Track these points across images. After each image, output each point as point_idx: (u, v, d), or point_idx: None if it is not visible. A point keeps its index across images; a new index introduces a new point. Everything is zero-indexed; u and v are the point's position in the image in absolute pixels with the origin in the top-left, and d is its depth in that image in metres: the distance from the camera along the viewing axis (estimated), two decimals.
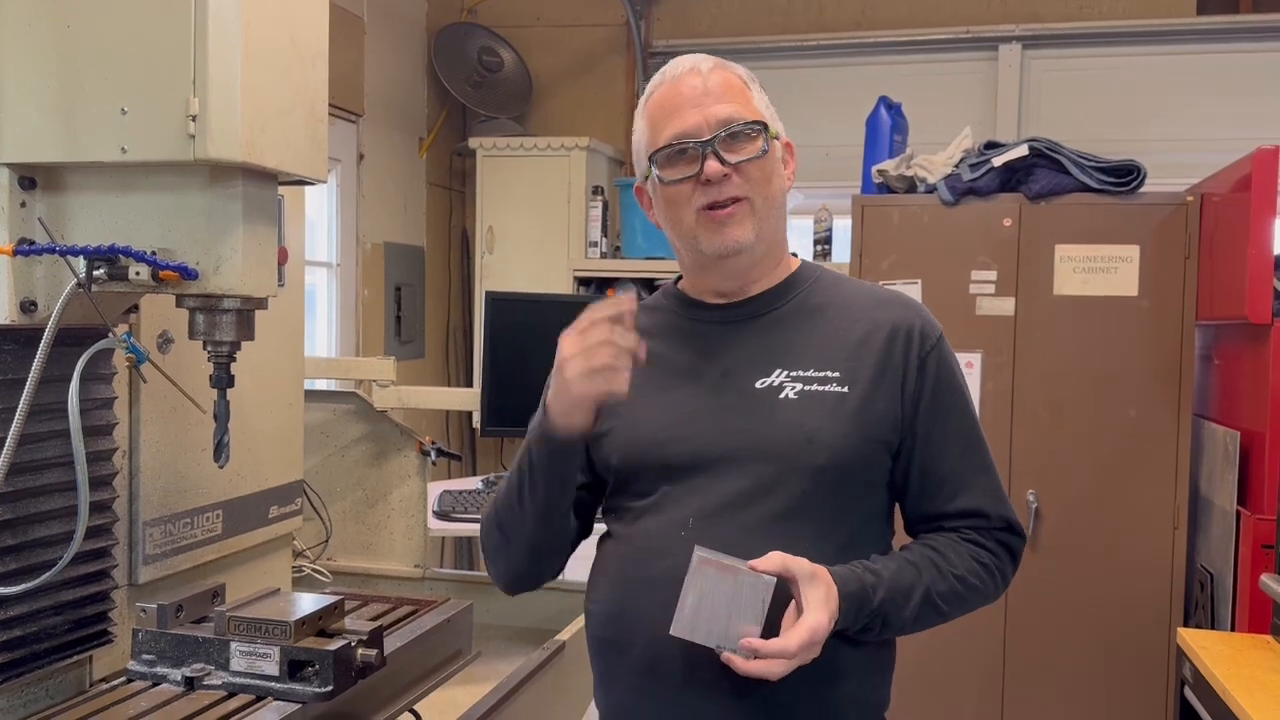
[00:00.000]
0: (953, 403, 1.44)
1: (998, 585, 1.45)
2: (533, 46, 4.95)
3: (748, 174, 1.39)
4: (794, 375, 1.39)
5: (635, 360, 1.34)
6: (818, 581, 1.27)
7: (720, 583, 1.25)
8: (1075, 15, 4.44)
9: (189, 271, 1.39)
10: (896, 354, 1.41)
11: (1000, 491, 1.46)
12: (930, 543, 1.43)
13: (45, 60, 1.38)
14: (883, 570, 1.35)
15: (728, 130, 1.38)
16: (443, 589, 2.46)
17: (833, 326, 1.44)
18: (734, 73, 1.45)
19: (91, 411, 1.54)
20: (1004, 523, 1.45)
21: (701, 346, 1.46)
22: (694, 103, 1.40)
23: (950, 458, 1.43)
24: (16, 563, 1.45)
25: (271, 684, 1.40)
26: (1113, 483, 3.21)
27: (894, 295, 1.50)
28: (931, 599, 1.37)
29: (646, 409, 1.42)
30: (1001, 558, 1.45)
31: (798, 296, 1.47)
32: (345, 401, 2.55)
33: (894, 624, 1.35)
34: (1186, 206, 3.18)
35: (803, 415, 1.37)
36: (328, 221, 4.32)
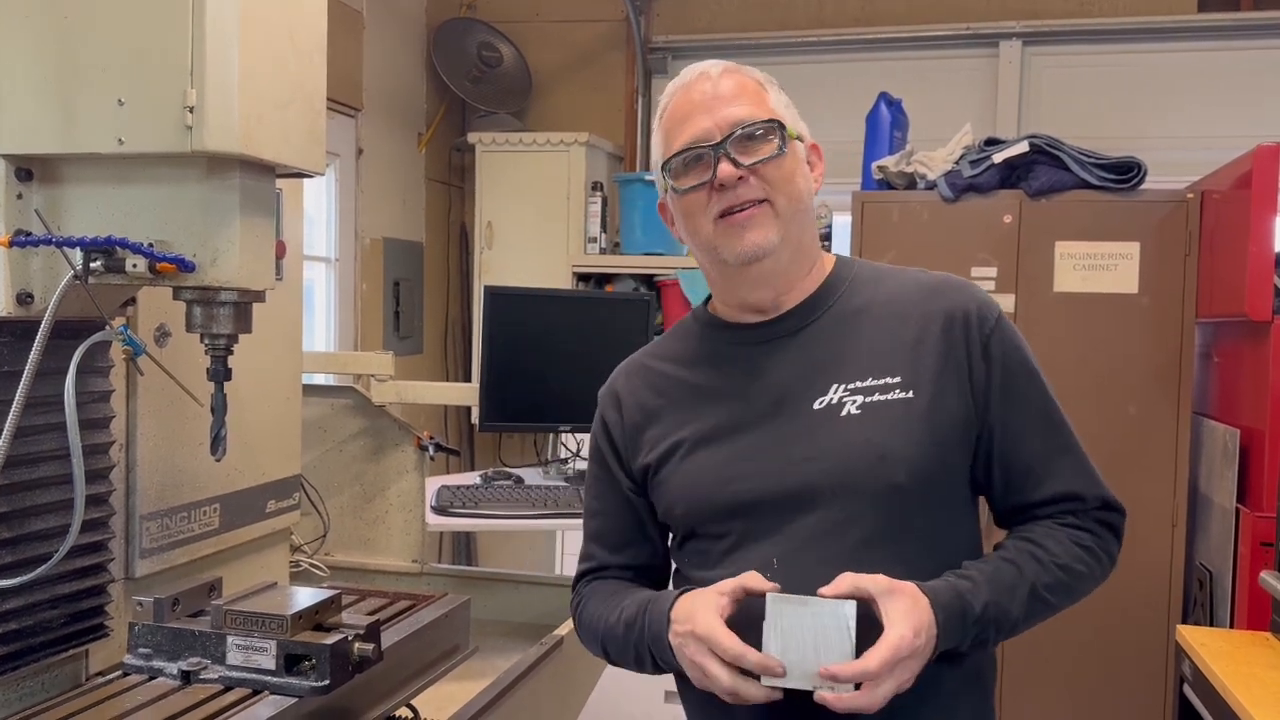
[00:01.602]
0: (1026, 384, 1.36)
1: (1105, 567, 1.38)
2: (532, 42, 4.94)
3: (765, 175, 1.33)
4: (852, 388, 1.31)
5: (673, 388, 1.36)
6: (898, 595, 1.19)
7: (800, 619, 1.18)
8: (1076, 12, 4.43)
9: (186, 264, 1.38)
10: (957, 344, 1.33)
11: (1090, 469, 1.39)
12: (1026, 534, 1.35)
13: (42, 51, 1.37)
14: (978, 575, 1.27)
15: (739, 131, 1.33)
16: (440, 584, 2.46)
17: (883, 328, 1.36)
18: (747, 75, 1.40)
19: (88, 404, 1.53)
20: (1100, 501, 1.38)
21: (745, 371, 1.38)
22: (705, 108, 1.35)
23: (1031, 443, 1.35)
24: (12, 556, 1.45)
25: (268, 678, 1.39)
26: (1112, 480, 3.13)
27: (941, 279, 1.41)
28: (1039, 594, 1.30)
29: (702, 450, 1.36)
30: (1104, 537, 1.38)
31: (837, 302, 1.39)
32: (343, 396, 2.55)
33: (1005, 628, 1.28)
34: (1187, 203, 3.18)
35: (869, 431, 1.29)
36: (326, 216, 4.31)
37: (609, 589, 1.46)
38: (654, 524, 1.46)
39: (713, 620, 1.22)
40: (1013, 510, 1.38)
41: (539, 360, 3.18)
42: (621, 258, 4.49)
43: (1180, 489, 3.16)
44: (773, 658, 1.18)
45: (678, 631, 1.27)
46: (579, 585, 1.52)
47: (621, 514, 1.48)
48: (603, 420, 1.48)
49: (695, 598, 1.27)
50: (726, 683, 1.20)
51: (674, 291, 4.20)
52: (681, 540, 1.42)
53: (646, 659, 1.36)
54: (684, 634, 1.25)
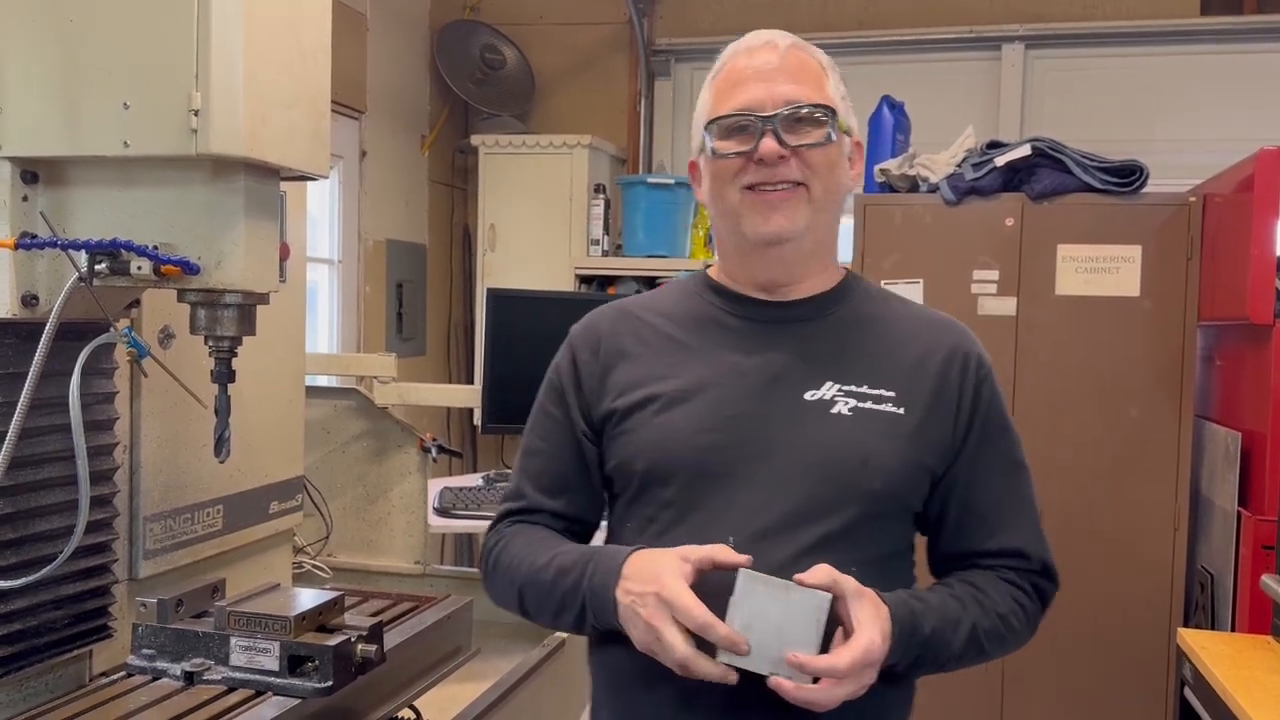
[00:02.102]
0: (1000, 436, 1.37)
1: (1030, 630, 1.38)
2: (535, 44, 4.95)
3: (807, 159, 1.29)
4: (846, 390, 1.31)
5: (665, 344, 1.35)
6: (866, 600, 1.18)
7: (771, 603, 1.13)
8: (1079, 15, 4.44)
9: (191, 266, 1.39)
10: (953, 379, 1.34)
11: (1041, 533, 1.39)
12: (968, 579, 1.34)
13: (48, 54, 1.38)
14: (930, 599, 1.27)
15: (792, 110, 1.29)
16: (443, 586, 2.46)
17: (887, 341, 1.36)
18: (813, 55, 1.37)
19: (92, 406, 1.54)
20: (1042, 565, 1.38)
21: (742, 343, 1.34)
22: (764, 77, 1.32)
23: (993, 493, 1.36)
24: (17, 557, 1.45)
25: (271, 679, 1.40)
26: (1114, 483, 3.21)
27: (945, 318, 1.42)
28: (977, 636, 1.29)
29: (678, 408, 1.30)
30: (1035, 602, 1.38)
31: (850, 304, 1.39)
32: (346, 398, 2.55)
33: (941, 659, 1.27)
34: (1189, 207, 3.18)
35: (857, 434, 1.28)
36: (330, 218, 4.32)
37: (538, 534, 1.37)
38: (599, 475, 1.38)
39: (679, 584, 1.15)
40: (956, 555, 1.38)
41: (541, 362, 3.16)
42: (624, 260, 4.49)
43: (1182, 492, 3.16)
44: (740, 635, 1.13)
45: (631, 590, 1.19)
46: (500, 525, 1.41)
47: (565, 457, 1.38)
48: (572, 358, 1.40)
49: (657, 558, 1.19)
50: (680, 652, 1.14)
51: None
52: (630, 500, 1.33)
53: (572, 612, 1.27)
54: (641, 594, 1.17)
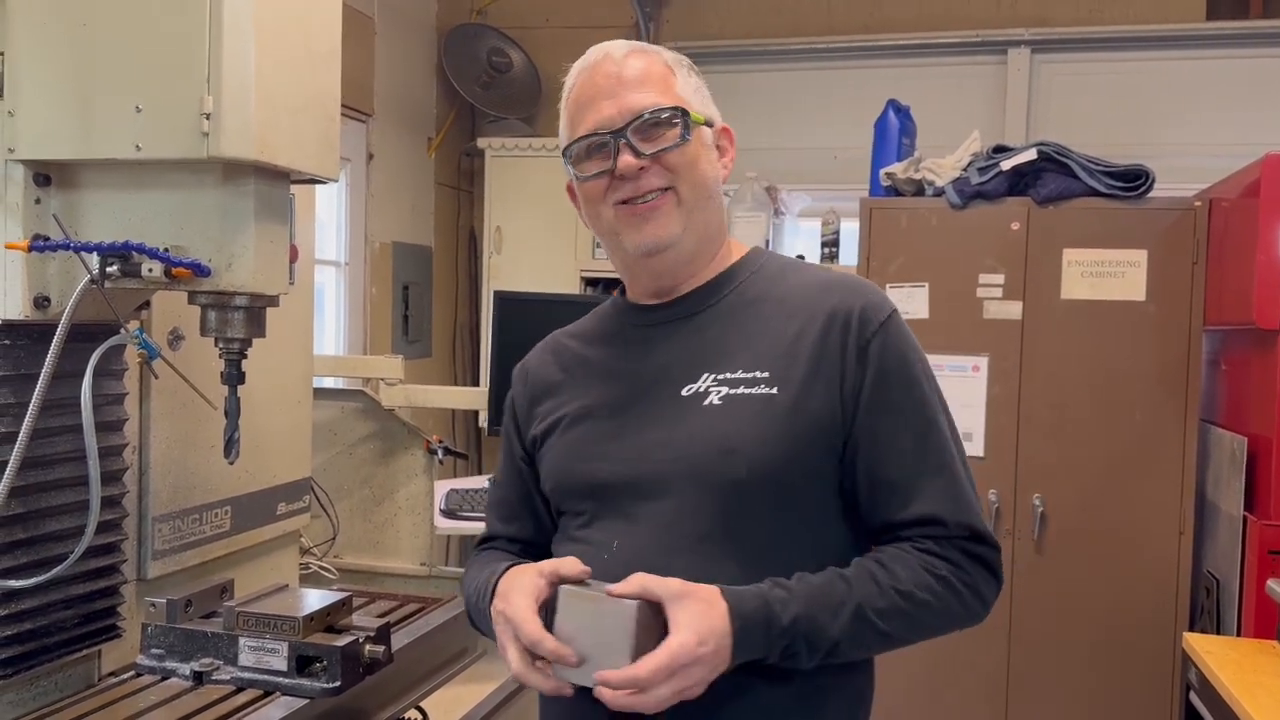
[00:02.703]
0: (902, 394, 1.28)
1: (965, 602, 1.26)
2: (542, 47, 4.96)
3: (668, 163, 1.29)
4: (721, 379, 1.28)
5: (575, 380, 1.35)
6: (689, 600, 1.14)
7: (586, 615, 1.15)
8: (1084, 20, 4.44)
9: (201, 268, 1.40)
10: (832, 344, 1.27)
11: (962, 494, 1.28)
12: (876, 555, 1.27)
13: (61, 58, 1.39)
14: (799, 587, 1.20)
15: (641, 118, 1.29)
16: (448, 587, 2.46)
17: (767, 322, 1.31)
18: (654, 57, 1.35)
19: (103, 407, 1.55)
20: (965, 530, 1.26)
21: (634, 352, 1.36)
22: (608, 93, 1.31)
23: (900, 459, 1.27)
24: (27, 556, 1.46)
25: (279, 679, 1.41)
26: (1119, 487, 3.21)
27: (838, 279, 1.36)
28: (866, 616, 1.20)
29: (578, 427, 1.35)
30: (969, 570, 1.26)
31: (733, 291, 1.36)
32: (353, 400, 2.56)
33: (822, 646, 1.19)
34: (1195, 211, 3.18)
35: (723, 423, 1.25)
36: (337, 220, 4.34)
37: (489, 558, 1.43)
38: (540, 498, 1.43)
39: (522, 601, 1.19)
40: (878, 530, 1.30)
41: None
42: None
43: (1187, 496, 3.16)
44: (566, 648, 1.15)
45: (495, 607, 1.24)
46: (473, 553, 1.50)
47: (513, 485, 1.46)
48: (512, 394, 1.49)
49: (517, 575, 1.24)
50: (516, 667, 1.19)
51: None
52: (557, 516, 1.40)
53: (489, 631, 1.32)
54: (498, 611, 1.23)
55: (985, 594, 1.28)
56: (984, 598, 1.28)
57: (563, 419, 1.37)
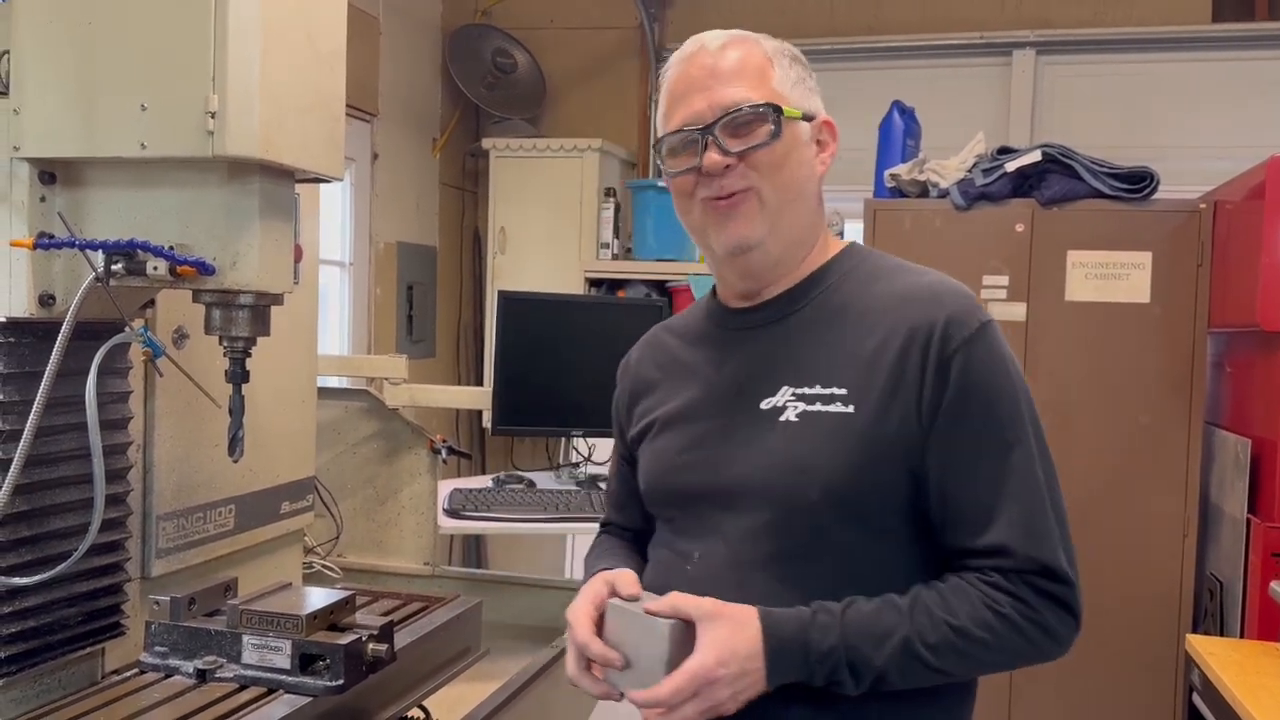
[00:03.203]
0: (982, 414, 1.21)
1: (1030, 639, 1.19)
2: (546, 48, 4.97)
3: (754, 162, 1.26)
4: (798, 394, 1.26)
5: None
6: (719, 621, 1.16)
7: (626, 629, 1.21)
8: (1089, 21, 4.44)
9: (206, 267, 1.40)
10: (912, 360, 1.22)
11: (1038, 525, 1.21)
12: (938, 586, 1.21)
13: (66, 56, 1.39)
14: (848, 614, 1.18)
15: (729, 115, 1.26)
16: (452, 587, 2.47)
17: (849, 333, 1.27)
18: (752, 47, 1.32)
19: (107, 405, 1.55)
20: (1035, 565, 1.19)
21: (720, 357, 1.36)
22: (701, 85, 1.28)
23: (974, 483, 1.21)
24: (31, 554, 1.46)
25: (283, 677, 1.41)
26: (1123, 489, 3.20)
27: (928, 287, 1.28)
28: (914, 649, 1.16)
29: (666, 433, 1.37)
30: (1036, 607, 1.19)
31: (819, 296, 1.32)
32: (357, 399, 2.56)
33: (866, 675, 1.17)
34: (1199, 213, 3.17)
35: (799, 442, 1.23)
36: (341, 221, 4.34)
37: (605, 546, 1.50)
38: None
39: (581, 608, 1.25)
40: (953, 555, 1.24)
41: (551, 365, 3.19)
42: (634, 263, 4.50)
43: (1191, 499, 3.16)
44: (613, 652, 1.21)
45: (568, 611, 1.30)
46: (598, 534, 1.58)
47: (621, 478, 1.51)
48: (616, 390, 1.52)
49: (589, 584, 1.29)
50: (569, 668, 1.26)
51: (686, 297, 4.22)
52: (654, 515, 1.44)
53: None
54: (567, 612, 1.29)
55: (1057, 631, 1.21)
56: (1055, 635, 1.21)
57: (654, 424, 1.39)
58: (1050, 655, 1.23)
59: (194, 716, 1.33)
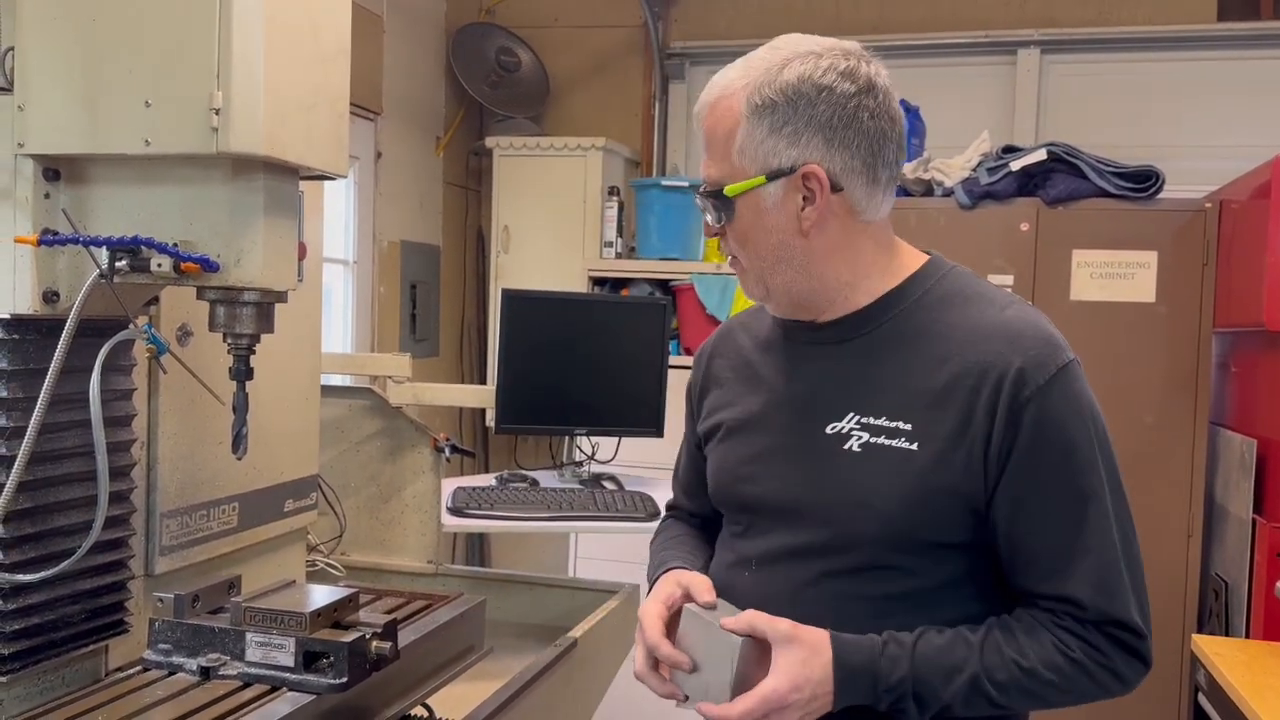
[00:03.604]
0: (1056, 463, 1.20)
1: (1100, 683, 1.22)
2: (550, 47, 4.97)
3: (725, 236, 1.32)
4: (864, 423, 1.25)
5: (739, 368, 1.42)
6: (794, 646, 1.18)
7: (699, 638, 1.25)
8: (1094, 20, 4.43)
9: (210, 264, 1.40)
10: (981, 404, 1.20)
11: (1111, 580, 1.21)
12: (1009, 622, 1.23)
13: (70, 53, 1.39)
14: (919, 645, 1.19)
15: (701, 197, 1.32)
16: (455, 585, 2.47)
17: (919, 363, 1.25)
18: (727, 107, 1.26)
19: (111, 402, 1.55)
20: (1108, 619, 1.21)
21: (788, 369, 1.36)
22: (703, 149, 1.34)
23: (1045, 533, 1.21)
24: (35, 551, 1.46)
25: (286, 675, 1.41)
26: (1128, 489, 3.18)
27: (1008, 325, 1.24)
28: (981, 686, 1.18)
29: (731, 439, 1.40)
30: (1108, 654, 1.21)
31: (894, 318, 1.30)
32: (360, 397, 2.56)
33: (932, 706, 1.19)
34: (1205, 213, 3.17)
35: (862, 474, 1.24)
36: (345, 219, 4.34)
37: (673, 533, 1.55)
38: None
39: (654, 608, 1.29)
40: (1019, 594, 1.26)
41: (554, 363, 3.19)
42: (637, 262, 4.50)
43: (1196, 499, 3.15)
44: (683, 657, 1.25)
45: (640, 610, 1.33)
46: (664, 515, 1.63)
47: (691, 465, 1.55)
48: (691, 377, 1.54)
49: (662, 583, 1.33)
50: (638, 666, 1.29)
51: (689, 296, 4.21)
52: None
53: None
54: (640, 611, 1.32)
55: (1126, 676, 1.24)
56: (1123, 679, 1.24)
57: (722, 425, 1.42)
58: (1115, 694, 1.26)
59: (197, 714, 1.33)
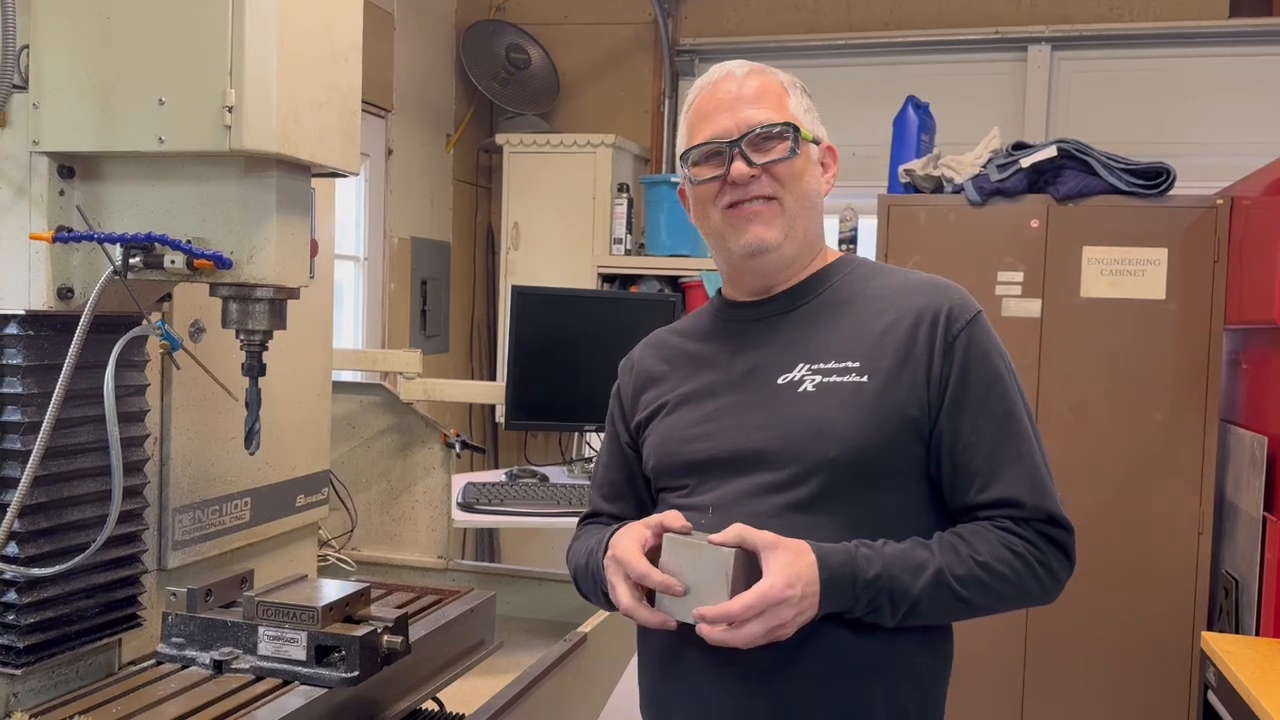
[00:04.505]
0: (984, 386, 1.37)
1: (1040, 580, 1.35)
2: (560, 44, 4.97)
3: (776, 174, 1.42)
4: (814, 368, 1.39)
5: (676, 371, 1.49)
6: (781, 549, 1.27)
7: (688, 560, 1.29)
8: (1105, 16, 4.41)
9: (223, 260, 1.41)
10: (920, 339, 1.38)
11: (1041, 481, 1.37)
12: (956, 530, 1.36)
13: (84, 50, 1.40)
14: (883, 548, 1.31)
15: (755, 132, 1.41)
16: (465, 580, 2.48)
17: (858, 317, 1.43)
18: (771, 78, 1.47)
19: (124, 398, 1.56)
20: (1043, 514, 1.35)
21: (732, 345, 1.48)
22: (727, 106, 1.43)
23: (981, 446, 1.36)
24: (50, 545, 1.48)
25: (298, 668, 1.42)
26: (1138, 487, 3.19)
27: (929, 281, 1.46)
28: (946, 580, 1.30)
29: (678, 411, 1.48)
30: (1043, 550, 1.35)
31: (827, 290, 1.48)
32: (371, 393, 2.57)
33: (903, 604, 1.29)
34: (1216, 210, 3.16)
35: (816, 408, 1.37)
36: (356, 216, 4.35)
37: (595, 531, 1.57)
38: (642, 479, 1.57)
39: (631, 546, 1.33)
40: (959, 512, 1.39)
41: (564, 360, 3.20)
42: (647, 259, 4.50)
43: (1207, 496, 3.15)
44: (673, 579, 1.29)
45: (608, 555, 1.37)
46: (577, 528, 1.65)
47: (616, 466, 1.60)
48: (618, 384, 1.62)
49: (626, 529, 1.38)
50: (626, 601, 1.33)
51: (698, 293, 4.22)
52: (656, 493, 1.52)
53: (599, 589, 1.45)
54: (610, 558, 1.37)
55: (1059, 573, 1.37)
56: (1057, 577, 1.37)
57: (665, 405, 1.50)
58: (1051, 595, 1.38)
59: (210, 707, 1.34)
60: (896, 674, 1.36)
